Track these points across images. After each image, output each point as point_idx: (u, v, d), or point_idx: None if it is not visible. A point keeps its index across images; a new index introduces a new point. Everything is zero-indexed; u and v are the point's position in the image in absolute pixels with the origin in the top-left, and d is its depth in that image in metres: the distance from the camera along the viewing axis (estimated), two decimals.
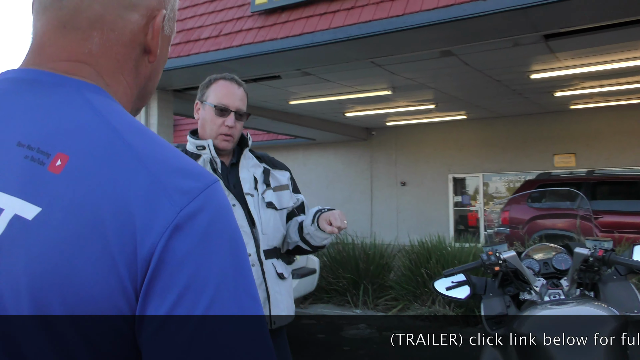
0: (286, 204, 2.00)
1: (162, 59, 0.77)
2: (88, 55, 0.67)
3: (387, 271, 6.12)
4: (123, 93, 0.70)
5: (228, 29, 6.27)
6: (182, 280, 0.55)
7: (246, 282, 0.60)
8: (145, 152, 0.60)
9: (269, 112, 9.94)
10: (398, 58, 6.50)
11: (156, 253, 0.55)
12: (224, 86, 1.91)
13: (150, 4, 0.70)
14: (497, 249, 2.05)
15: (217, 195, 0.61)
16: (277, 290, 1.89)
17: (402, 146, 12.90)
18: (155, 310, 0.55)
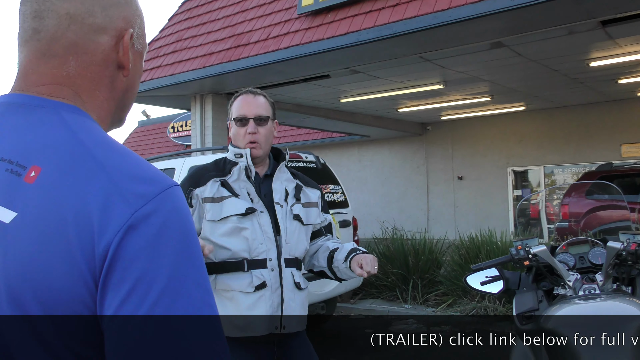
0: (313, 220, 2.09)
1: (137, 73, 0.87)
2: (66, 78, 0.77)
3: (436, 266, 6.08)
4: (100, 107, 0.80)
5: (276, 31, 6.41)
6: (135, 274, 0.63)
7: (198, 277, 0.67)
8: (108, 162, 0.69)
9: (322, 110, 10.04)
10: (447, 52, 6.42)
11: (111, 250, 0.63)
12: (240, 100, 2.04)
13: (118, 25, 0.80)
14: (527, 243, 2.04)
15: (172, 198, 0.69)
16: (292, 297, 1.97)
17: (459, 140, 12.67)
18: (111, 300, 0.63)
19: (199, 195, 1.94)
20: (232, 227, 1.91)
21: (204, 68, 6.97)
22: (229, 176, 1.98)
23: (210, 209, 1.92)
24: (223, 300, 1.91)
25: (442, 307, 5.49)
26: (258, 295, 1.90)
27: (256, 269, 1.91)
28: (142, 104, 8.97)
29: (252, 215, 1.93)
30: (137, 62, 0.86)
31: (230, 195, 1.94)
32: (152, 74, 7.58)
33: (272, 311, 1.91)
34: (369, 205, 13.62)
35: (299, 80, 7.50)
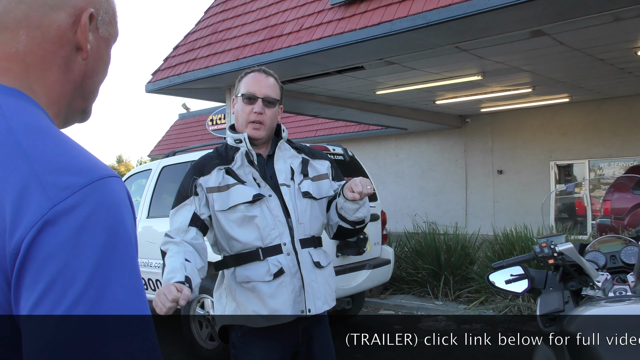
0: (326, 192, 2.03)
1: (101, 59, 0.82)
2: (15, 55, 0.72)
3: (469, 263, 5.93)
4: (52, 89, 0.75)
5: (309, 23, 6.36)
6: (50, 274, 0.57)
7: (126, 279, 0.61)
8: (34, 151, 0.63)
9: (357, 103, 9.94)
10: (484, 41, 6.22)
11: (23, 247, 0.58)
12: (252, 77, 1.98)
13: (77, 3, 0.75)
14: (552, 241, 1.93)
15: (101, 191, 0.63)
16: (313, 278, 1.92)
17: (499, 133, 12.34)
18: (25, 301, 0.58)
19: (202, 184, 1.91)
20: (241, 216, 1.88)
21: (238, 60, 7.00)
22: (232, 163, 1.94)
23: (217, 198, 1.89)
24: (246, 292, 1.89)
25: (473, 304, 5.35)
26: (278, 282, 1.87)
27: (272, 256, 1.87)
28: (179, 96, 9.08)
29: (260, 201, 1.89)
30: (101, 48, 0.81)
31: (236, 183, 1.90)
32: (188, 66, 7.66)
33: (294, 296, 1.88)
34: (406, 199, 13.46)
35: (333, 72, 7.43)
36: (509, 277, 2.09)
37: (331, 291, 2.01)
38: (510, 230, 5.70)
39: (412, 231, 6.96)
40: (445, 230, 6.37)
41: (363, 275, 4.90)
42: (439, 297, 5.72)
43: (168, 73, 7.92)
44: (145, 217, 5.41)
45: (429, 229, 6.51)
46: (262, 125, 1.95)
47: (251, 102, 1.94)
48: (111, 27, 0.82)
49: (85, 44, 0.77)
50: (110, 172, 0.67)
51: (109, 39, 0.83)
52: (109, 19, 0.81)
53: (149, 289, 5.29)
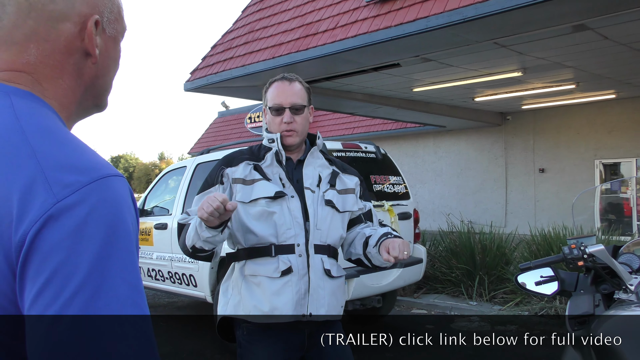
0: (350, 207, 2.04)
1: (110, 58, 0.84)
2: (26, 65, 0.76)
3: (505, 263, 5.80)
4: (63, 95, 0.79)
5: (344, 20, 6.34)
6: (51, 267, 0.60)
7: (126, 273, 0.64)
8: (42, 150, 0.67)
9: (394, 100, 9.86)
10: (524, 37, 6.06)
11: (27, 240, 0.61)
12: (276, 87, 2.00)
13: (81, 11, 0.78)
14: (583, 242, 1.87)
15: (104, 189, 0.66)
16: (320, 285, 1.93)
17: (541, 130, 12.01)
18: (28, 293, 0.61)
19: (229, 174, 1.95)
20: (261, 210, 1.90)
21: (274, 58, 7.05)
22: (262, 161, 1.98)
23: (241, 190, 1.92)
24: (251, 286, 1.92)
25: (509, 305, 5.23)
26: (284, 280, 1.88)
27: (283, 254, 1.89)
28: (217, 95, 9.23)
29: (281, 199, 1.91)
30: (109, 48, 0.84)
31: (262, 179, 1.93)
32: (225, 65, 7.77)
33: (298, 297, 1.89)
34: (444, 197, 13.28)
35: (369, 69, 7.39)
36: (539, 279, 2.04)
37: (337, 303, 2.00)
38: (548, 230, 5.54)
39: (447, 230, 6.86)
40: (481, 229, 6.25)
41: (394, 273, 4.87)
42: (473, 297, 5.62)
43: (206, 72, 8.06)
44: (180, 214, 5.52)
45: (464, 228, 6.40)
46: (294, 132, 1.98)
47: (279, 113, 1.97)
48: (117, 24, 0.85)
49: (93, 50, 0.80)
50: (113, 171, 0.70)
51: (116, 36, 0.85)
52: (114, 17, 0.84)
53: (183, 283, 5.41)
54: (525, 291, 2.09)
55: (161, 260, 5.71)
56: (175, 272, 5.50)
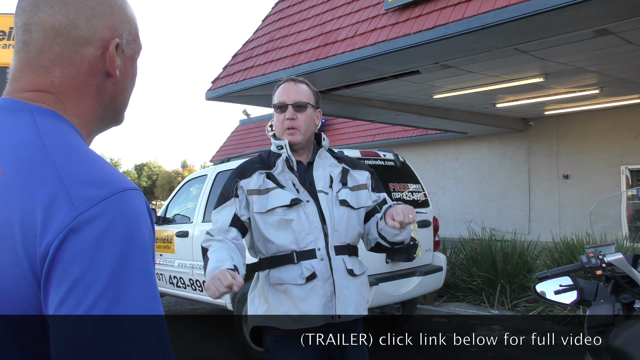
0: (364, 203, 2.05)
1: (128, 77, 0.89)
2: (50, 86, 0.81)
3: (527, 271, 5.72)
4: (85, 113, 0.83)
5: (363, 28, 6.37)
6: (73, 276, 0.64)
7: (142, 282, 0.67)
8: (63, 166, 0.70)
9: (414, 107, 9.83)
10: (545, 42, 6.00)
11: (51, 251, 0.65)
12: (282, 87, 2.05)
13: (103, 35, 0.83)
14: (601, 251, 1.85)
15: (121, 202, 0.69)
16: (345, 285, 1.94)
17: (564, 136, 11.83)
18: (52, 300, 0.65)
19: (243, 187, 1.98)
20: (279, 219, 1.92)
21: (293, 67, 7.10)
22: (274, 169, 2.00)
23: (257, 201, 1.95)
24: (278, 294, 1.94)
25: (531, 314, 5.15)
26: (310, 286, 1.90)
27: (305, 260, 1.91)
28: (237, 103, 9.32)
29: (297, 206, 1.93)
30: (127, 67, 0.88)
31: (276, 187, 1.95)
32: (246, 74, 7.86)
33: (325, 301, 1.91)
34: (466, 204, 13.16)
35: (389, 76, 7.40)
36: (559, 288, 2.03)
37: (363, 300, 2.02)
38: (572, 238, 5.45)
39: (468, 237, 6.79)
40: (502, 236, 6.18)
41: (414, 281, 4.85)
42: (494, 305, 5.55)
43: (227, 81, 8.15)
44: (201, 222, 5.59)
45: (485, 236, 6.33)
46: (297, 130, 2.00)
47: (282, 110, 2.01)
48: (135, 44, 0.89)
49: (114, 70, 0.85)
50: (130, 185, 0.73)
51: (133, 55, 0.89)
52: (132, 38, 0.88)
53: (204, 291, 5.45)
54: (545, 300, 2.08)
55: (182, 267, 5.78)
56: (196, 279, 5.56)
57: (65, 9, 0.80)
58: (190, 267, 5.62)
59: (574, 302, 2.00)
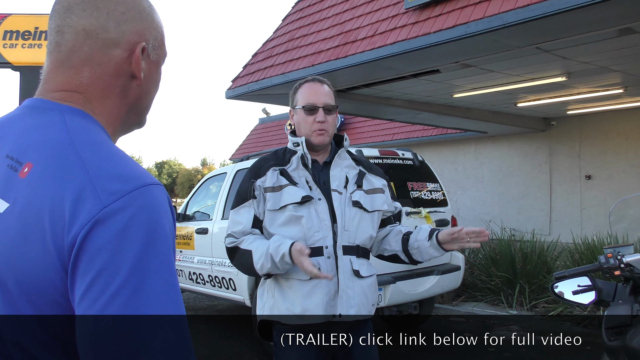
0: (379, 206, 2.06)
1: (152, 80, 0.93)
2: (79, 86, 0.85)
3: (546, 271, 5.66)
4: (110, 113, 0.88)
5: (383, 27, 6.37)
6: (98, 265, 0.68)
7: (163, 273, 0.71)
8: (90, 161, 0.75)
9: (434, 106, 9.78)
10: (568, 41, 5.93)
11: (78, 241, 0.69)
12: (308, 87, 2.05)
13: (131, 39, 0.87)
14: (620, 251, 1.85)
15: (144, 196, 0.73)
16: (350, 286, 1.96)
17: (587, 136, 11.66)
18: (78, 288, 0.69)
19: (260, 186, 2.00)
20: (289, 215, 1.95)
21: (313, 66, 7.13)
22: (288, 165, 2.01)
23: (271, 198, 1.98)
24: (284, 289, 1.97)
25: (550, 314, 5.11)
26: (313, 283, 1.93)
27: (312, 257, 1.93)
28: (258, 102, 9.38)
29: (308, 203, 1.95)
30: (152, 71, 0.92)
31: (289, 184, 1.98)
32: (265, 73, 7.91)
33: (327, 299, 1.93)
34: (485, 204, 13.05)
35: (409, 75, 7.38)
36: (577, 288, 2.02)
37: (367, 302, 2.03)
38: (592, 239, 5.38)
39: None
40: (522, 237, 6.12)
41: (431, 280, 4.85)
42: (513, 306, 5.51)
43: (247, 80, 8.22)
44: (220, 219, 5.65)
45: (504, 236, 6.28)
46: (326, 132, 2.02)
47: (312, 112, 2.02)
48: (160, 50, 0.93)
49: (139, 73, 0.89)
50: (153, 180, 0.77)
51: (158, 61, 0.94)
52: (158, 44, 0.92)
53: (222, 287, 5.52)
54: (562, 300, 2.07)
55: (202, 264, 5.85)
56: (215, 275, 5.62)
57: (97, 12, 0.85)
58: (210, 263, 5.69)
59: (592, 303, 1.99)
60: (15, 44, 8.77)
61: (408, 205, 4.91)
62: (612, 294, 1.93)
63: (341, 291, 1.95)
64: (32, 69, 8.66)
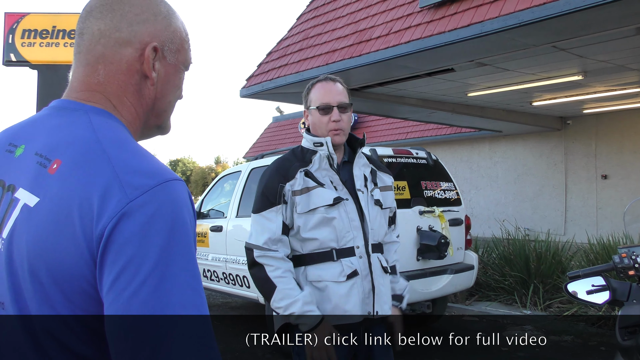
0: (390, 204, 2.09)
1: (169, 83, 0.95)
2: (97, 84, 0.90)
3: (561, 271, 5.62)
4: (128, 112, 0.92)
5: (397, 26, 6.36)
6: (126, 256, 0.72)
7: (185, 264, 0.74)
8: (117, 158, 0.79)
9: (448, 105, 9.75)
10: (584, 40, 5.88)
11: (106, 233, 0.73)
12: (321, 87, 2.04)
13: (143, 39, 0.91)
14: (634, 251, 1.85)
15: (167, 191, 0.77)
16: (382, 282, 1.98)
17: (604, 135, 11.54)
18: (106, 278, 0.72)
19: (289, 189, 1.96)
20: (321, 217, 1.94)
21: (327, 65, 7.15)
22: (310, 165, 1.99)
23: (300, 201, 1.95)
24: (315, 291, 1.95)
25: (565, 315, 5.08)
26: (350, 283, 1.94)
27: (345, 258, 1.94)
28: (271, 101, 9.42)
29: (339, 204, 1.95)
30: (169, 74, 0.95)
31: (316, 186, 1.96)
32: (280, 72, 7.94)
33: (363, 297, 1.95)
34: (500, 203, 12.97)
35: (423, 74, 7.36)
36: (591, 288, 2.02)
37: (391, 297, 2.07)
38: (608, 239, 5.34)
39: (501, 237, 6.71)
40: (536, 236, 6.09)
41: (444, 279, 4.85)
42: (527, 305, 5.48)
43: (261, 79, 8.26)
44: (235, 217, 5.70)
45: (518, 235, 6.25)
46: (342, 131, 2.02)
47: (327, 112, 2.01)
48: (179, 55, 0.96)
49: (150, 73, 0.92)
50: (175, 176, 0.81)
51: (177, 65, 0.96)
52: (175, 48, 0.95)
53: (237, 284, 5.57)
54: (576, 300, 2.07)
55: (216, 261, 5.91)
56: (229, 273, 5.67)
57: (111, 14, 0.90)
58: (224, 260, 5.75)
59: (606, 302, 1.99)
60: (33, 43, 8.92)
61: (422, 204, 4.91)
62: (627, 293, 1.93)
63: (376, 289, 1.97)
64: (50, 67, 8.80)
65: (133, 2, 0.91)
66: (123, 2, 0.91)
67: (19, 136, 0.88)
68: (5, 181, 0.84)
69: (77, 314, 0.76)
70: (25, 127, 0.90)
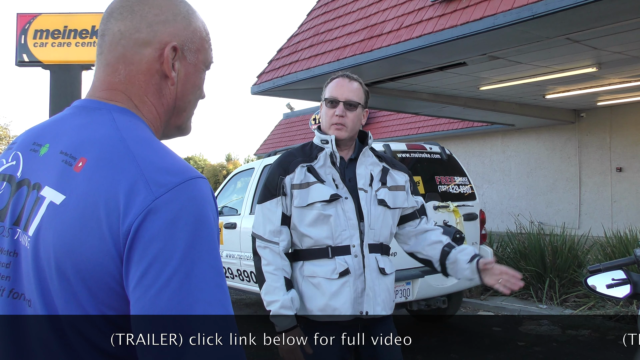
0: (400, 204, 2.07)
1: (189, 83, 0.96)
2: (119, 84, 0.91)
3: (577, 265, 5.57)
4: (149, 111, 0.93)
5: (409, 21, 6.33)
6: (152, 252, 0.73)
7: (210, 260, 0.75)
8: (141, 156, 0.79)
9: (460, 99, 9.69)
10: (598, 31, 5.81)
11: (132, 230, 0.74)
12: (336, 82, 2.07)
13: (162, 39, 0.91)
14: None
15: (191, 188, 0.78)
16: (376, 283, 1.98)
17: (619, 128, 11.40)
18: (133, 274, 0.73)
19: (288, 182, 2.01)
20: (317, 213, 1.96)
21: (338, 61, 7.13)
22: (315, 162, 2.02)
23: (298, 195, 1.99)
24: (310, 286, 2.00)
25: (581, 309, 5.03)
26: (342, 281, 1.95)
27: (340, 256, 1.96)
28: (282, 97, 9.43)
29: (336, 202, 1.97)
30: (190, 74, 0.96)
31: (316, 181, 1.99)
32: (290, 68, 7.94)
33: (355, 297, 1.96)
34: (513, 197, 12.89)
35: (435, 69, 7.32)
36: (611, 282, 2.00)
37: (390, 299, 2.06)
38: (625, 232, 5.28)
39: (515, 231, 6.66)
40: (551, 230, 6.04)
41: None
42: (543, 300, 5.44)
43: (272, 75, 8.26)
44: (248, 214, 5.71)
45: (533, 229, 6.21)
46: (344, 127, 2.02)
47: (333, 105, 2.03)
48: (199, 54, 0.97)
49: (170, 72, 0.93)
50: (198, 174, 0.82)
51: (197, 64, 0.97)
52: (195, 48, 0.96)
53: (251, 281, 5.59)
54: (596, 294, 2.06)
55: (230, 258, 5.93)
56: (243, 270, 5.70)
57: (131, 15, 0.91)
58: (238, 257, 5.77)
59: (627, 296, 1.97)
60: (45, 43, 8.99)
61: (436, 199, 4.89)
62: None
63: (368, 289, 1.97)
64: (62, 67, 8.86)
65: (153, 3, 0.92)
66: (143, 3, 0.92)
67: (43, 135, 0.90)
68: (31, 180, 0.85)
69: (103, 310, 0.77)
70: (49, 127, 0.91)
